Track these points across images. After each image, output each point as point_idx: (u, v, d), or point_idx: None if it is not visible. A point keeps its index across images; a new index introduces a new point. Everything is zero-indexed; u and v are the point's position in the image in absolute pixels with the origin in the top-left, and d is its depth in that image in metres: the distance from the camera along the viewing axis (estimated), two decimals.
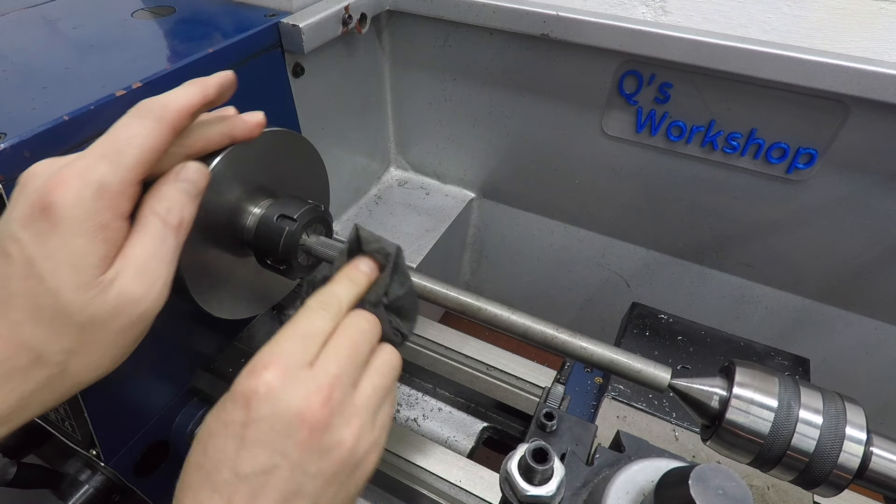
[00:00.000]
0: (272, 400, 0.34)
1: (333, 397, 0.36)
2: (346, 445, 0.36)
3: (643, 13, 0.74)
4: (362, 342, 0.39)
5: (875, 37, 0.65)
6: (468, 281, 1.25)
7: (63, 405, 0.56)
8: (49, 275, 0.33)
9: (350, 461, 0.36)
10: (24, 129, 0.44)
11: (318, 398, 0.35)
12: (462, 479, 0.59)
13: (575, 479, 0.44)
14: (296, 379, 0.35)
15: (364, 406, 0.38)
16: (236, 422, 0.34)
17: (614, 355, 0.42)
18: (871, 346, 0.88)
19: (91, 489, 0.66)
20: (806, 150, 0.72)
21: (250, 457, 0.34)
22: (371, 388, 0.38)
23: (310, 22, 0.68)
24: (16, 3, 0.71)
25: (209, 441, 0.35)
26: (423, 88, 0.95)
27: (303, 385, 0.35)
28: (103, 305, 0.35)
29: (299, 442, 0.34)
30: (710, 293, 0.96)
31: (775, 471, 0.37)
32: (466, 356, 0.71)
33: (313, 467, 0.35)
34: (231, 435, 0.34)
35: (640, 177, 0.86)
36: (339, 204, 1.00)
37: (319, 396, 0.35)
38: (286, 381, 0.35)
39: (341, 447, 0.36)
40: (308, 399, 0.35)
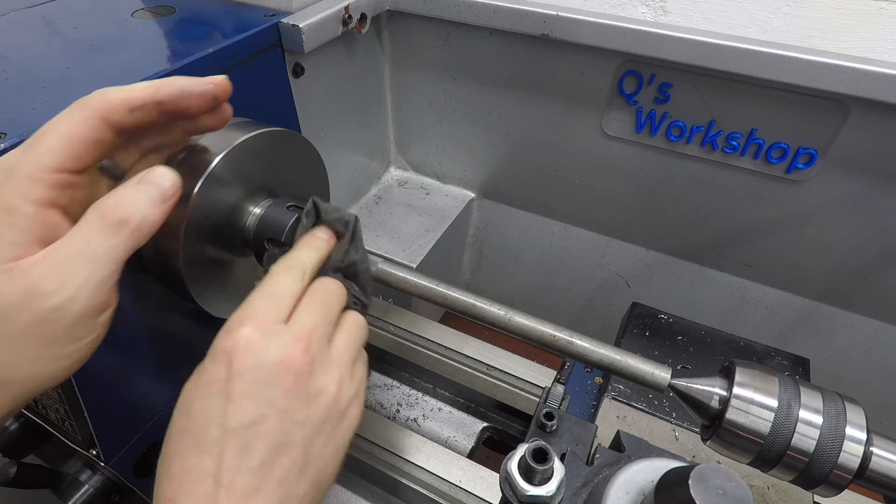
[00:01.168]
0: (254, 352, 0.35)
1: (312, 346, 0.37)
2: (330, 392, 0.37)
3: (643, 13, 0.74)
4: (331, 302, 0.41)
5: (875, 37, 0.65)
6: (468, 281, 1.25)
7: (63, 405, 0.56)
8: None
9: (335, 409, 0.37)
10: (24, 129, 0.44)
11: (298, 346, 0.36)
12: (462, 479, 0.59)
13: (575, 479, 0.44)
14: (273, 332, 0.36)
15: (341, 358, 0.39)
16: (219, 378, 0.35)
17: (614, 355, 0.42)
18: (871, 346, 0.88)
19: (91, 489, 0.66)
20: (806, 150, 0.72)
21: (236, 410, 0.34)
22: (344, 343, 0.40)
23: (310, 22, 0.68)
24: (16, 3, 0.71)
25: (192, 404, 0.35)
26: (423, 88, 0.95)
27: (281, 337, 0.36)
28: (10, 294, 0.32)
29: (285, 389, 0.35)
30: (710, 293, 0.96)
31: (775, 471, 0.37)
32: (466, 356, 0.71)
33: (300, 415, 0.35)
34: (215, 393, 0.34)
35: (640, 177, 0.86)
36: (339, 204, 0.99)
37: (299, 345, 0.36)
38: (265, 334, 0.36)
39: (326, 394, 0.37)
40: (288, 348, 0.36)
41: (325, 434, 0.37)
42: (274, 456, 0.34)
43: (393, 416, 0.71)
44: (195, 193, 0.44)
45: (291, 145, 0.55)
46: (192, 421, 0.35)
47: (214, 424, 0.34)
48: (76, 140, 0.34)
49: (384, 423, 0.65)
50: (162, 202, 0.36)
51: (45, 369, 0.34)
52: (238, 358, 0.35)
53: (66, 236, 0.34)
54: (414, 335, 0.74)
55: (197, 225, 0.45)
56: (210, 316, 0.54)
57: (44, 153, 0.33)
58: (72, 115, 0.35)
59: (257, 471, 0.33)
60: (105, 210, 0.34)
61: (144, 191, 0.36)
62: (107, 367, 0.55)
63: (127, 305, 0.54)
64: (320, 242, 0.43)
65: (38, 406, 0.60)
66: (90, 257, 0.33)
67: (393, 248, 0.96)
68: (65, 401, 0.55)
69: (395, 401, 0.73)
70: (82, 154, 0.35)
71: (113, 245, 0.34)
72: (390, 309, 0.78)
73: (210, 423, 0.34)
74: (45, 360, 0.34)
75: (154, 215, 0.36)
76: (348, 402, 0.39)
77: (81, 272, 0.33)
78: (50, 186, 0.34)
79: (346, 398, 0.38)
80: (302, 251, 0.42)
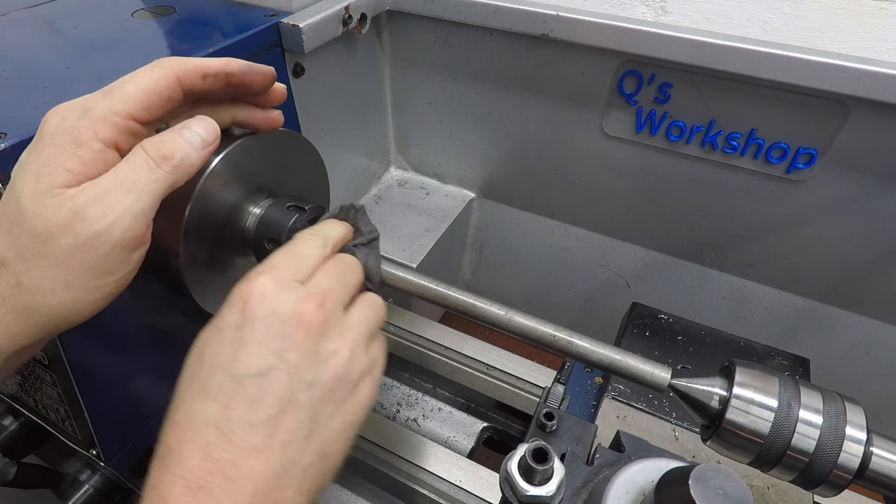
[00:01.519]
0: (268, 301, 0.35)
1: (327, 306, 0.37)
2: (341, 356, 0.36)
3: (643, 13, 0.74)
4: (349, 273, 0.41)
5: (875, 37, 0.65)
6: (468, 281, 1.25)
7: (63, 405, 0.56)
8: (17, 180, 0.35)
9: (346, 377, 0.37)
10: (24, 129, 0.44)
11: (312, 302, 0.36)
12: (462, 479, 0.59)
13: (575, 479, 0.44)
14: (290, 286, 0.36)
15: (355, 328, 0.39)
16: (232, 324, 0.35)
17: (614, 355, 0.42)
18: (871, 346, 0.88)
19: (91, 489, 0.66)
20: (806, 150, 0.72)
21: (246, 357, 0.34)
22: (361, 315, 0.40)
23: (310, 22, 0.68)
24: (16, 3, 0.71)
25: (203, 350, 0.35)
26: (423, 88, 0.95)
27: (296, 292, 0.36)
28: (56, 217, 0.34)
29: (296, 342, 0.35)
30: (710, 293, 0.96)
31: (775, 471, 0.37)
32: (466, 356, 0.71)
33: (309, 374, 0.35)
34: (227, 339, 0.35)
35: (640, 177, 0.86)
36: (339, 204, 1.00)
37: (314, 301, 0.36)
38: (281, 286, 0.36)
39: (337, 357, 0.36)
40: (303, 303, 0.36)
41: (334, 403, 0.36)
42: (280, 414, 0.33)
43: (393, 416, 0.71)
44: (195, 193, 0.44)
45: (291, 145, 0.55)
46: (201, 366, 0.35)
47: (222, 371, 0.34)
48: (150, 93, 0.37)
49: (384, 423, 0.65)
50: (202, 147, 0.39)
51: (74, 298, 0.36)
52: (252, 304, 0.35)
53: (113, 169, 0.36)
54: (414, 335, 0.74)
55: (197, 225, 0.45)
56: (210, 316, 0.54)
57: (120, 100, 0.36)
58: (151, 71, 0.38)
59: (262, 427, 0.33)
60: (149, 146, 0.37)
61: (187, 135, 0.38)
62: (107, 367, 0.55)
63: (127, 305, 0.54)
64: (343, 224, 0.45)
65: (38, 406, 0.60)
66: (133, 187, 0.35)
67: (393, 248, 0.96)
68: (65, 401, 0.55)
69: (395, 401, 0.73)
70: (153, 107, 0.38)
71: (154, 178, 0.36)
72: (390, 309, 0.78)
73: (218, 369, 0.34)
74: (76, 288, 0.36)
75: (193, 157, 0.38)
76: (360, 375, 0.38)
77: (123, 201, 0.35)
78: (119, 130, 0.36)
79: (358, 369, 0.38)
80: (326, 225, 0.43)
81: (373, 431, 0.63)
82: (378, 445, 0.62)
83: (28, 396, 0.60)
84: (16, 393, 0.62)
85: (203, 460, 0.31)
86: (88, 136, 0.35)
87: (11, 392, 0.62)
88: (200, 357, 0.35)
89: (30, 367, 0.55)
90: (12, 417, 0.67)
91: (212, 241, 0.48)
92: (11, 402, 0.64)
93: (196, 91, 0.40)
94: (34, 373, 0.55)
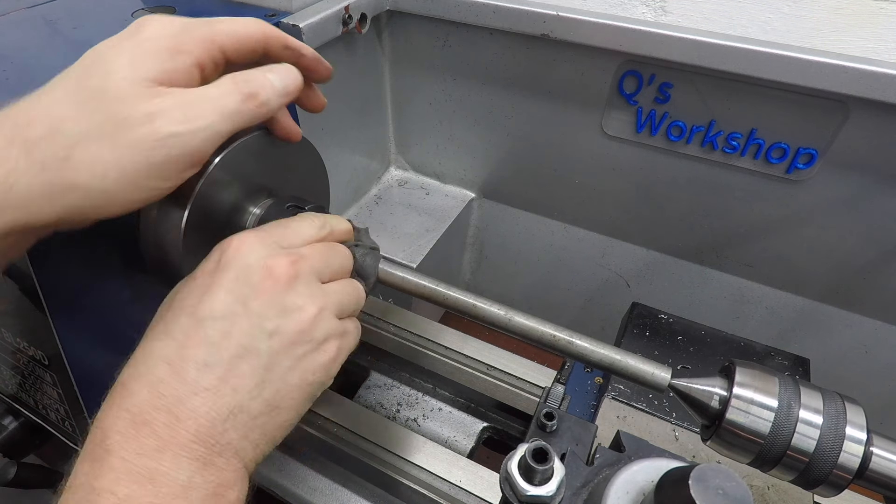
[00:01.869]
0: (244, 253, 0.36)
1: (300, 265, 0.37)
2: (306, 313, 0.37)
3: (643, 13, 0.74)
4: (336, 256, 0.42)
5: (875, 37, 0.65)
6: (468, 281, 1.25)
7: (63, 405, 0.56)
8: (110, 60, 0.35)
9: (309, 334, 0.37)
10: None
11: (285, 259, 0.37)
12: (462, 479, 0.59)
13: (575, 479, 0.44)
14: (268, 245, 0.37)
15: (328, 295, 0.39)
16: (206, 272, 0.36)
17: (614, 355, 0.42)
18: (871, 346, 0.88)
19: None
20: (806, 150, 0.72)
21: (210, 300, 0.34)
22: (338, 287, 0.40)
23: (310, 22, 0.68)
24: (16, 3, 0.71)
25: (175, 295, 0.37)
26: (423, 88, 0.95)
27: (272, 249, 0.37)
28: (143, 105, 0.34)
29: (261, 291, 0.35)
30: (710, 293, 0.96)
31: (775, 471, 0.37)
32: (466, 356, 0.71)
33: (271, 323, 0.35)
34: (197, 285, 0.36)
35: (640, 177, 0.86)
36: (339, 204, 1.00)
37: (287, 258, 0.37)
38: (259, 243, 0.37)
39: (301, 313, 0.37)
40: (276, 257, 0.37)
41: (294, 357, 0.36)
42: (235, 359, 0.34)
43: (393, 416, 0.71)
44: (195, 193, 0.44)
45: (291, 145, 0.55)
46: (168, 310, 0.36)
47: (186, 313, 0.35)
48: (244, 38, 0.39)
49: (384, 423, 0.65)
50: (284, 95, 0.40)
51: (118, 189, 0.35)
52: (228, 255, 0.36)
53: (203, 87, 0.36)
54: (414, 335, 0.74)
55: (197, 225, 0.45)
56: None
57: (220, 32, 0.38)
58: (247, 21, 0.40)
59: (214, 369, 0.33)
60: (240, 80, 0.38)
61: (272, 79, 0.39)
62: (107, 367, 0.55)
63: (127, 305, 0.54)
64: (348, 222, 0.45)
65: (38, 406, 0.60)
66: (218, 109, 0.36)
67: (393, 248, 0.96)
68: (65, 401, 0.55)
69: (395, 401, 0.73)
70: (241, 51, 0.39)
71: (238, 110, 0.37)
72: (390, 309, 0.78)
73: (182, 311, 0.35)
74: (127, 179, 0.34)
75: (275, 102, 0.39)
76: (325, 335, 0.38)
77: (208, 117, 0.35)
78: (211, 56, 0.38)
79: (323, 329, 0.38)
80: (332, 216, 0.44)
81: (373, 431, 0.63)
82: (378, 445, 0.62)
83: (28, 396, 0.60)
84: (16, 393, 0.62)
85: (150, 395, 0.32)
86: (189, 47, 0.36)
87: (11, 392, 0.62)
88: (171, 302, 0.36)
89: (30, 367, 0.55)
90: (12, 417, 0.67)
91: (212, 241, 0.48)
92: (11, 402, 0.64)
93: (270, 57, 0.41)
94: (34, 373, 0.55)
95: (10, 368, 0.58)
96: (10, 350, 0.55)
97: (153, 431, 0.31)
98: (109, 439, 0.31)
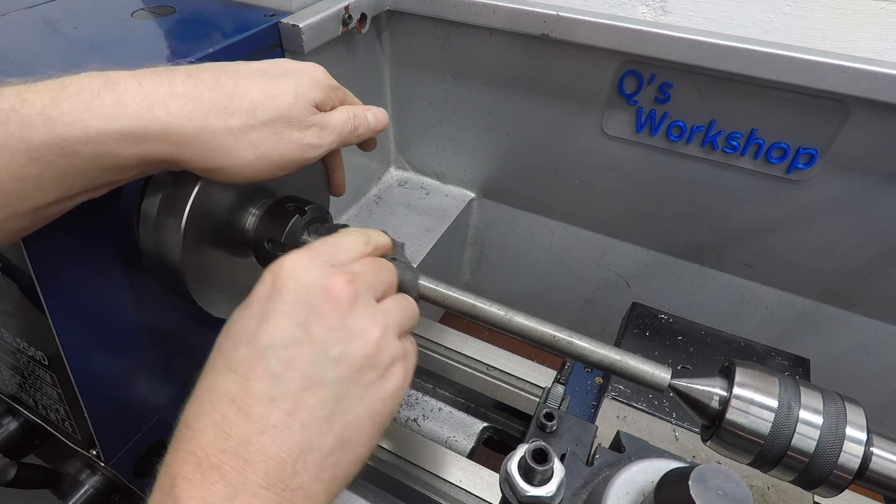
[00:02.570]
0: (297, 274, 0.34)
1: (357, 284, 0.36)
2: (371, 336, 0.35)
3: (643, 13, 0.74)
4: (386, 271, 0.41)
5: (875, 37, 0.65)
6: (468, 281, 1.25)
7: (63, 405, 0.56)
8: (298, 76, 0.44)
9: (375, 359, 0.35)
10: None
11: (342, 278, 0.35)
12: (462, 479, 0.59)
13: (575, 480, 0.44)
14: (322, 265, 0.36)
15: (388, 313, 0.37)
16: (261, 298, 0.34)
17: (614, 355, 0.42)
18: (871, 346, 0.88)
19: (91, 489, 0.66)
20: (806, 150, 0.72)
21: (269, 328, 0.32)
22: (395, 304, 0.39)
23: (310, 22, 0.68)
24: (16, 3, 0.71)
25: (232, 325, 0.35)
26: (423, 88, 0.95)
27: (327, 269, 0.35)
28: (301, 116, 0.43)
29: (323, 315, 0.33)
30: (710, 293, 0.96)
31: (775, 471, 0.37)
32: (466, 356, 0.71)
33: (336, 349, 0.33)
34: (254, 312, 0.34)
35: (640, 177, 0.86)
36: (340, 204, 1.00)
37: (344, 277, 0.35)
38: (313, 263, 0.35)
39: (366, 336, 0.34)
40: (333, 277, 0.35)
41: (362, 385, 0.34)
42: (301, 391, 0.31)
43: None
44: (195, 193, 0.44)
45: None
46: (227, 340, 0.34)
47: (245, 342, 0.33)
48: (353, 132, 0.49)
49: None
50: (373, 132, 0.50)
51: (261, 163, 0.42)
52: (281, 277, 0.34)
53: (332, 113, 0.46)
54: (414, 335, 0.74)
55: (197, 225, 0.45)
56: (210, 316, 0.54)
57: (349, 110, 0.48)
58: (372, 115, 0.51)
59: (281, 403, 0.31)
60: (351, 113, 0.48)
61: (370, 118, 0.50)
62: (107, 367, 0.55)
63: (127, 305, 0.54)
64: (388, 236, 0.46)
65: (38, 406, 0.60)
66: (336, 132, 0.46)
67: None
68: (65, 401, 0.55)
69: None
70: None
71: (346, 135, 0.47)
72: None
73: (242, 340, 0.33)
74: (271, 160, 0.42)
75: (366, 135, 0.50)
76: (391, 359, 0.36)
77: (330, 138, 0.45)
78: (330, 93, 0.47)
79: (389, 353, 0.35)
80: (373, 231, 0.44)
81: None
82: (378, 445, 0.62)
83: (28, 396, 0.60)
84: (16, 393, 0.62)
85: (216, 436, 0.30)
86: (329, 84, 0.47)
87: (11, 392, 0.62)
88: (228, 332, 0.34)
89: (30, 367, 0.55)
90: (12, 417, 0.67)
91: (212, 241, 0.48)
92: (11, 402, 0.64)
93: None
94: (34, 373, 0.55)
95: (10, 368, 0.58)
96: (10, 350, 0.55)
97: (222, 477, 0.29)
98: (177, 487, 0.29)
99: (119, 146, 0.36)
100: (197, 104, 0.38)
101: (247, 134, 0.40)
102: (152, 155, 0.37)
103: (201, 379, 0.33)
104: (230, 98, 0.40)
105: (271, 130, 0.41)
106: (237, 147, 0.40)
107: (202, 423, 0.30)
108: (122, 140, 0.36)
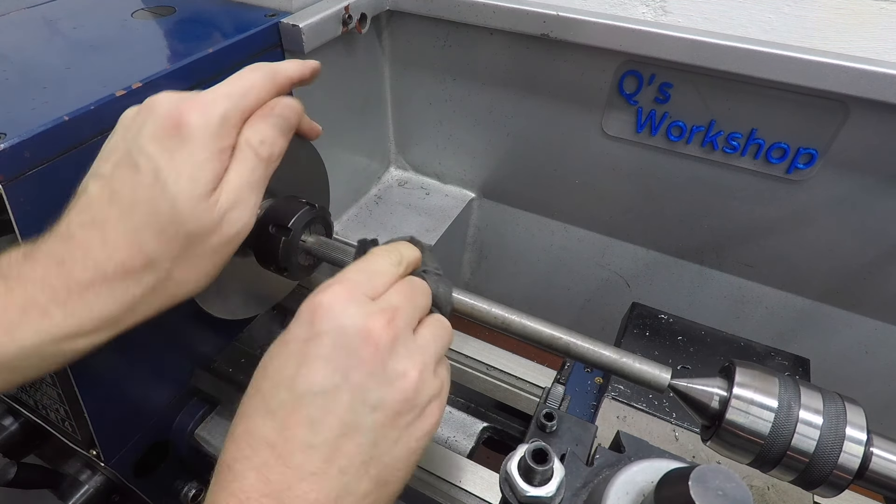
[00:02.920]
0: (336, 315, 0.34)
1: (396, 323, 0.35)
2: (410, 378, 0.34)
3: (643, 13, 0.74)
4: (420, 295, 0.40)
5: (875, 37, 0.65)
6: (468, 281, 1.25)
7: (63, 405, 0.56)
8: (172, 183, 0.37)
9: (413, 401, 0.34)
10: (24, 129, 0.44)
11: (381, 318, 0.34)
12: (462, 479, 0.59)
13: (575, 480, 0.44)
14: (359, 301, 0.35)
15: (424, 349, 0.37)
16: (299, 338, 0.34)
17: (614, 355, 0.42)
18: (872, 346, 0.88)
19: (91, 489, 0.66)
20: (806, 150, 0.72)
21: (309, 373, 0.32)
22: (431, 336, 0.38)
23: (310, 22, 0.68)
24: (16, 3, 0.71)
25: (269, 363, 0.34)
26: (423, 88, 0.95)
27: (366, 307, 0.35)
28: (209, 220, 0.38)
29: (362, 361, 0.33)
30: (710, 293, 0.96)
31: (775, 471, 0.37)
32: (466, 356, 0.71)
33: (374, 396, 0.33)
34: (292, 353, 0.34)
35: (640, 177, 0.86)
36: (339, 204, 1.00)
37: (383, 317, 0.35)
38: (351, 300, 0.35)
39: (405, 379, 0.34)
40: (372, 318, 0.34)
41: (399, 428, 0.34)
42: (340, 438, 0.32)
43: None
44: None
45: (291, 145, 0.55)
46: (265, 379, 0.34)
47: (284, 386, 0.33)
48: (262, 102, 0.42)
49: None
50: (289, 131, 0.43)
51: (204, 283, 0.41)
52: (319, 316, 0.34)
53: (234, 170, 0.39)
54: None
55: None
56: (210, 316, 0.54)
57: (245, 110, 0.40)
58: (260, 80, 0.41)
59: (319, 450, 0.31)
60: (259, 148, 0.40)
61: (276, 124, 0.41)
62: (107, 367, 0.55)
63: None
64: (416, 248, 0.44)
65: (38, 406, 0.60)
66: (253, 187, 0.40)
67: None
68: (65, 401, 0.55)
69: None
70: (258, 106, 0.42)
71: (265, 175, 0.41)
72: None
73: (280, 384, 0.33)
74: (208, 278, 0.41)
75: (285, 144, 0.43)
76: (429, 399, 0.36)
77: (250, 200, 0.40)
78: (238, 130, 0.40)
79: (426, 394, 0.36)
80: (402, 245, 0.43)
81: None
82: None
83: (28, 396, 0.60)
84: (16, 393, 0.62)
85: (257, 480, 0.30)
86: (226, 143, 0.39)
87: (11, 392, 0.62)
88: (265, 370, 0.34)
89: None
90: (12, 417, 0.67)
91: None
92: (11, 403, 0.64)
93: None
94: None
95: None
96: None
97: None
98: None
99: None
100: None
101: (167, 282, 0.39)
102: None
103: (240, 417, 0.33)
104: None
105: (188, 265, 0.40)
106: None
107: (243, 466, 0.31)
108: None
